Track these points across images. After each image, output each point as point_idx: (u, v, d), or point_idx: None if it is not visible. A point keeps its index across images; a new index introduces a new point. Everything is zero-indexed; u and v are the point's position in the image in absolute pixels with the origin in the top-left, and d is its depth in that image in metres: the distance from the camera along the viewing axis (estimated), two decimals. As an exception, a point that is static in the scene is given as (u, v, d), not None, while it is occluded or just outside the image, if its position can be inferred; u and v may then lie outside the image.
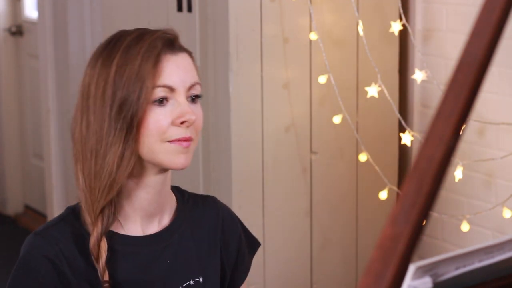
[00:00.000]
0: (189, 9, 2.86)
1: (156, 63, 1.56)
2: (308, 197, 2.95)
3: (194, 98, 1.60)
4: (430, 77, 2.89)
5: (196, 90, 1.60)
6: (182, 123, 1.56)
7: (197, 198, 1.75)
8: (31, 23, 5.07)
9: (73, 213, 1.62)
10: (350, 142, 2.99)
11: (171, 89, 1.56)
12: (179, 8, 2.90)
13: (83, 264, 1.58)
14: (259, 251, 1.96)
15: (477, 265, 0.92)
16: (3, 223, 5.28)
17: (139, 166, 1.59)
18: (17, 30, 5.24)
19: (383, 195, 2.91)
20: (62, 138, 4.20)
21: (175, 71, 1.58)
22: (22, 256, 1.59)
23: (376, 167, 2.87)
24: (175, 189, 1.73)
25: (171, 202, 1.69)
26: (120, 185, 1.57)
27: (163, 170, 1.60)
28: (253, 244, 1.83)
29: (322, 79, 2.84)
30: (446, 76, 2.93)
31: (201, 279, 1.67)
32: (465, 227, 2.78)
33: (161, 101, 1.56)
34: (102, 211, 1.57)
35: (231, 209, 1.83)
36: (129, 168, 1.56)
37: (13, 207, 5.38)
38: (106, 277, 1.56)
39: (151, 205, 1.62)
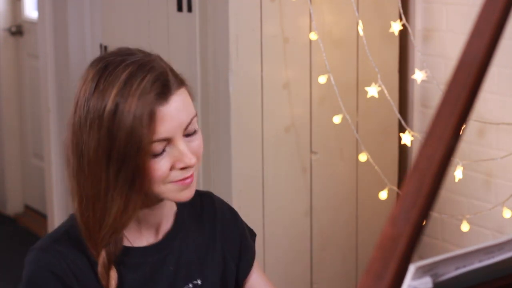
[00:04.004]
0: (189, 9, 2.86)
1: (151, 121, 1.46)
2: (308, 197, 2.95)
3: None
4: (430, 77, 2.89)
5: (194, 125, 1.53)
6: (182, 168, 1.52)
7: (195, 197, 1.70)
8: (31, 23, 5.07)
9: (77, 224, 1.58)
10: (350, 142, 2.99)
11: (169, 140, 1.50)
12: (179, 8, 2.90)
13: (90, 278, 1.56)
14: (259, 252, 1.97)
15: (477, 265, 0.92)
16: (3, 223, 5.28)
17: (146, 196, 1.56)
18: (17, 30, 5.24)
19: (383, 195, 2.91)
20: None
21: (170, 121, 1.49)
22: (28, 274, 1.55)
23: (376, 167, 2.87)
24: None
25: (172, 207, 1.68)
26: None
27: None
28: (251, 231, 1.82)
29: (322, 79, 2.84)
30: (446, 76, 2.93)
31: (199, 282, 1.66)
32: (465, 227, 2.78)
33: (160, 153, 1.50)
34: (105, 245, 1.53)
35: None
36: (134, 213, 1.53)
37: (13, 207, 5.37)
38: None
39: (156, 217, 1.63)
